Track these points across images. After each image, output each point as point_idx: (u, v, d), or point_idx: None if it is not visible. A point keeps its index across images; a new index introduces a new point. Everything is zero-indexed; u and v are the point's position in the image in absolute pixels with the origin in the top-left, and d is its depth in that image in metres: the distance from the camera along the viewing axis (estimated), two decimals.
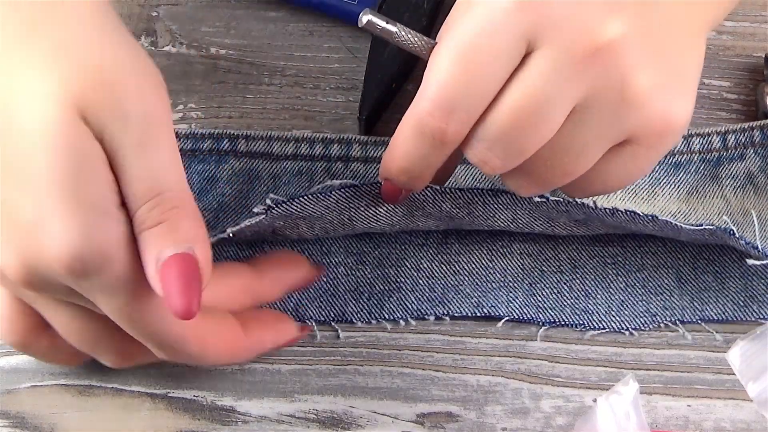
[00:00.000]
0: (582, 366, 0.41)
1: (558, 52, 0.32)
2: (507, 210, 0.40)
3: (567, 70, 0.32)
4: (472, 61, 0.32)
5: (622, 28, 0.32)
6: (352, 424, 0.40)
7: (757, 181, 0.44)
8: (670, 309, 0.42)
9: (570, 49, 0.32)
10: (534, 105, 0.32)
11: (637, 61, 0.32)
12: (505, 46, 0.32)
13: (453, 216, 0.40)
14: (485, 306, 0.42)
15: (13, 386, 0.41)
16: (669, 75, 0.33)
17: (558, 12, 0.32)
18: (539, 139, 0.33)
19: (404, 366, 0.41)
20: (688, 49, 0.35)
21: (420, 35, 0.35)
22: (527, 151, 0.33)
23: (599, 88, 0.32)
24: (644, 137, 0.34)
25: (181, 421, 0.40)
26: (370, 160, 0.44)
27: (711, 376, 0.41)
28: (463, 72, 0.32)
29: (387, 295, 0.42)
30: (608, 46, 0.32)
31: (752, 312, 0.42)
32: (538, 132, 0.33)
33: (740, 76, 0.47)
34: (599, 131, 0.33)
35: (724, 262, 0.43)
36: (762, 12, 0.48)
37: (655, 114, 0.33)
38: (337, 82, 0.47)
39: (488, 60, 0.32)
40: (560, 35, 0.32)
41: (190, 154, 0.43)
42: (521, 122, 0.32)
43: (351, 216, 0.40)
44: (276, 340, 0.39)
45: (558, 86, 0.32)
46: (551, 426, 0.40)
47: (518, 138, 0.33)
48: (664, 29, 0.33)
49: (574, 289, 0.43)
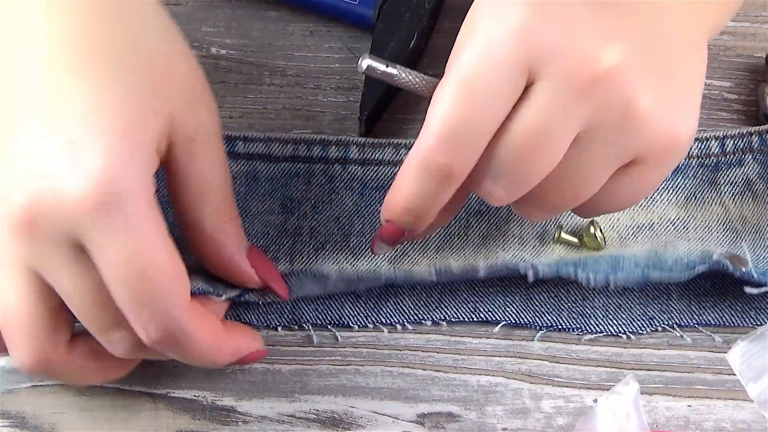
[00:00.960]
0: (582, 366, 0.41)
1: (558, 83, 0.32)
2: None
3: (568, 99, 0.32)
4: (473, 96, 0.32)
5: (621, 53, 0.32)
6: (353, 424, 0.40)
7: (755, 189, 0.44)
8: (667, 312, 0.42)
9: (570, 79, 0.32)
10: (537, 137, 0.32)
11: (637, 83, 0.32)
12: (505, 80, 0.32)
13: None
14: (482, 311, 0.42)
15: (13, 386, 0.41)
16: (671, 91, 0.33)
17: (555, 42, 0.32)
18: (543, 169, 0.33)
19: (404, 366, 0.41)
20: (689, 60, 0.35)
21: (420, 74, 0.35)
22: (532, 181, 0.34)
23: (602, 115, 0.33)
24: (651, 156, 0.34)
25: (181, 421, 0.40)
26: (368, 163, 0.44)
27: (711, 377, 0.41)
28: (465, 107, 0.32)
29: (384, 299, 0.42)
30: (607, 74, 0.32)
31: (750, 318, 0.42)
32: (542, 162, 0.33)
33: (741, 76, 0.47)
34: (605, 155, 0.34)
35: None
36: (762, 12, 0.48)
37: (660, 133, 0.33)
38: (337, 82, 0.47)
39: (489, 94, 0.32)
40: (559, 66, 0.32)
41: None
42: (525, 154, 0.33)
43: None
44: (248, 347, 0.39)
45: (560, 116, 0.32)
46: (552, 426, 0.40)
47: (523, 169, 0.33)
48: (664, 44, 0.34)
49: (571, 292, 0.43)
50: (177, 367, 0.41)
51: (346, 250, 0.43)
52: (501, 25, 0.32)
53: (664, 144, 0.34)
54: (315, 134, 0.45)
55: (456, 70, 0.32)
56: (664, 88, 0.33)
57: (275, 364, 0.41)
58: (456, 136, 0.32)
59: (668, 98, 0.33)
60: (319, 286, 0.41)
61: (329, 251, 0.43)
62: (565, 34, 0.32)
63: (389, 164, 0.44)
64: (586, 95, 0.32)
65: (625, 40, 0.32)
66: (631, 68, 0.32)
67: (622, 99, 0.32)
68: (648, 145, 0.34)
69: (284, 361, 0.41)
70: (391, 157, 0.44)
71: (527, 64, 0.32)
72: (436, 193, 0.34)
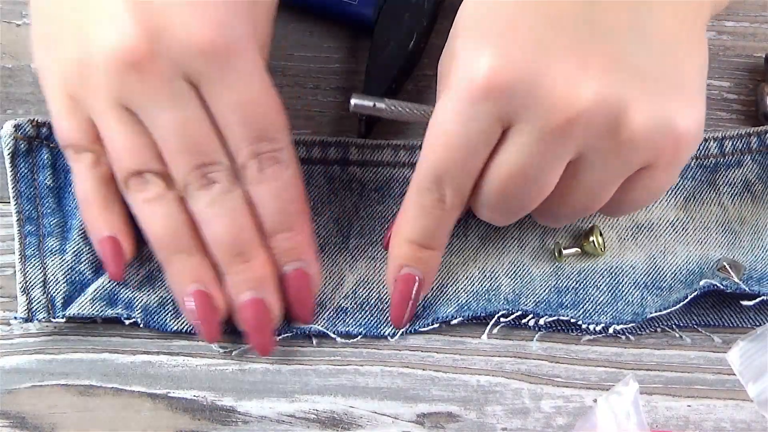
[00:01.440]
0: (582, 366, 0.41)
1: (534, 127, 0.33)
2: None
3: (547, 141, 0.33)
4: (451, 145, 0.34)
5: (597, 86, 0.32)
6: (352, 424, 0.40)
7: (754, 189, 0.44)
8: (667, 313, 0.42)
9: (547, 123, 0.32)
10: (518, 177, 0.34)
11: (624, 103, 0.32)
12: (480, 129, 0.34)
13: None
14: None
15: (13, 386, 0.41)
16: (666, 92, 0.33)
17: (526, 91, 0.32)
18: (536, 197, 0.35)
19: (404, 366, 0.41)
20: (685, 54, 0.34)
21: (410, 105, 0.39)
22: (528, 207, 0.36)
23: (591, 143, 0.33)
24: (659, 159, 0.34)
25: (181, 421, 0.40)
26: (367, 164, 0.44)
27: (711, 377, 0.41)
28: (446, 153, 0.35)
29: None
30: (587, 111, 0.32)
31: (749, 319, 0.42)
32: (532, 193, 0.35)
33: (740, 76, 0.47)
34: (606, 173, 0.34)
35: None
36: (762, 12, 0.47)
37: (663, 139, 0.33)
38: (337, 82, 0.47)
39: (466, 143, 0.34)
40: (534, 113, 0.32)
41: None
42: (512, 189, 0.35)
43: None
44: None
45: (541, 154, 0.33)
46: (551, 426, 0.40)
47: (514, 200, 0.35)
48: (651, 46, 0.33)
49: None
50: (177, 367, 0.41)
51: (345, 251, 0.43)
52: (472, 74, 0.33)
53: (671, 146, 0.34)
54: (314, 136, 0.44)
55: (438, 117, 0.35)
56: (659, 92, 0.33)
57: (275, 364, 0.41)
58: (441, 176, 0.35)
59: (665, 99, 0.33)
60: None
61: (328, 253, 0.43)
62: (534, 83, 0.32)
63: (388, 165, 0.44)
64: (564, 135, 0.32)
65: (598, 71, 0.32)
66: (612, 94, 0.32)
67: (609, 125, 0.32)
68: (653, 153, 0.33)
69: (284, 361, 0.41)
70: (390, 159, 0.44)
71: (500, 115, 0.33)
72: (438, 223, 0.37)
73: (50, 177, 0.43)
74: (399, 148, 0.44)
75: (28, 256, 0.42)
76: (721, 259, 0.42)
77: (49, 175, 0.43)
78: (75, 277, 0.42)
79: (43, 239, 0.42)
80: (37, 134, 0.43)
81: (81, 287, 0.42)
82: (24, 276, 0.41)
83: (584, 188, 0.35)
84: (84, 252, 0.42)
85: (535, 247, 0.43)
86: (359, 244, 0.43)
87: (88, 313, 0.41)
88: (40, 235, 0.42)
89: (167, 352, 0.42)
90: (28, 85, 0.46)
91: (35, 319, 0.41)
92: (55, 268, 0.42)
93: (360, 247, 0.43)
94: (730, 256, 0.43)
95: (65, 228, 0.43)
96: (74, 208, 0.43)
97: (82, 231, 0.42)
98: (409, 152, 0.44)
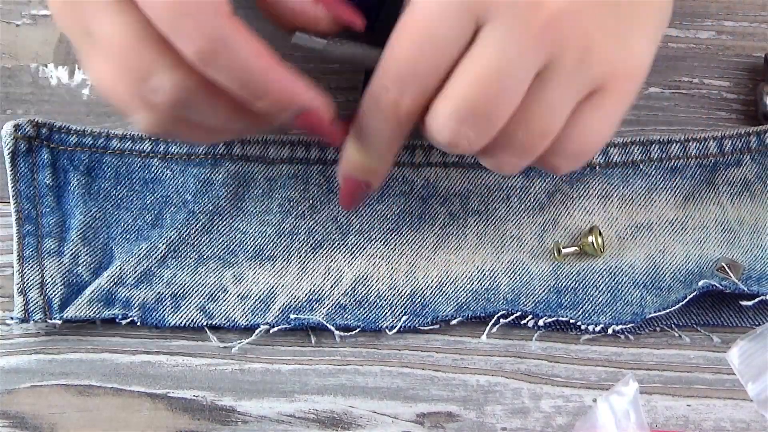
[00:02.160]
0: (582, 366, 0.41)
1: (510, 27, 0.32)
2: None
3: (523, 41, 0.32)
4: (421, 37, 0.32)
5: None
6: (352, 424, 0.40)
7: (753, 189, 0.44)
8: (666, 313, 0.42)
9: (521, 23, 0.32)
10: (493, 74, 0.32)
11: (590, 19, 0.33)
12: (454, 24, 0.32)
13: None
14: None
15: (13, 386, 0.41)
16: (623, 21, 0.34)
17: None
18: (505, 109, 0.33)
19: (404, 366, 0.41)
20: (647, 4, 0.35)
21: (360, 45, 0.36)
22: (497, 118, 0.33)
23: (558, 53, 0.33)
24: (609, 84, 0.34)
25: (181, 421, 0.40)
26: None
27: (711, 376, 0.41)
28: (414, 49, 0.32)
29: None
30: (560, 14, 0.32)
31: (748, 318, 0.42)
32: (501, 103, 0.33)
33: (740, 76, 0.47)
34: (565, 89, 0.33)
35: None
36: (762, 12, 0.47)
37: (616, 61, 0.34)
38: (337, 82, 0.47)
39: (437, 35, 0.32)
40: (509, 11, 0.32)
41: (186, 158, 0.43)
42: (484, 90, 0.32)
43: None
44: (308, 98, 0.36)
45: (515, 56, 0.32)
46: (551, 426, 0.40)
47: (485, 106, 0.33)
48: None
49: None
50: (176, 367, 0.41)
51: (344, 249, 0.43)
52: None
53: (622, 70, 0.34)
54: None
55: (407, 15, 0.33)
56: (615, 19, 0.33)
57: (274, 363, 0.41)
58: (403, 73, 0.33)
59: (621, 28, 0.34)
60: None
61: (327, 250, 0.43)
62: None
63: None
64: (539, 38, 0.32)
65: None
66: (582, 5, 0.32)
67: (576, 37, 0.32)
68: (605, 73, 0.34)
69: (283, 360, 0.41)
70: None
71: (475, 10, 0.32)
72: (389, 134, 0.35)
73: (50, 176, 0.43)
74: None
75: (26, 257, 0.42)
76: (720, 258, 0.42)
77: (49, 175, 0.43)
78: (72, 280, 0.42)
79: (42, 240, 0.42)
80: (37, 134, 0.43)
81: (78, 289, 0.42)
82: (22, 277, 0.42)
83: (543, 105, 0.34)
84: (82, 254, 0.42)
85: (534, 246, 0.43)
86: (358, 241, 0.43)
87: (85, 316, 0.41)
88: (38, 235, 0.42)
89: (167, 352, 0.42)
90: (27, 85, 0.46)
91: (32, 320, 0.41)
92: (53, 270, 0.42)
93: (359, 245, 0.43)
94: (729, 256, 0.43)
95: (64, 228, 0.43)
96: (73, 208, 0.43)
97: (81, 232, 0.42)
98: (408, 152, 0.44)
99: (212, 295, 0.42)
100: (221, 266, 0.43)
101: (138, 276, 0.42)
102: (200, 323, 0.42)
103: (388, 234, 0.43)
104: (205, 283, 0.42)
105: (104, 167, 0.44)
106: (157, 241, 0.43)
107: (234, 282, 0.42)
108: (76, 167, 0.43)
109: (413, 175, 0.44)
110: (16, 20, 0.47)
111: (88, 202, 0.43)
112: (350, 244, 0.43)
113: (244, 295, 0.42)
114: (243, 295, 0.42)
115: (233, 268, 0.43)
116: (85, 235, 0.42)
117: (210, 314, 0.42)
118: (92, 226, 0.43)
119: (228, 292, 0.42)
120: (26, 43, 0.46)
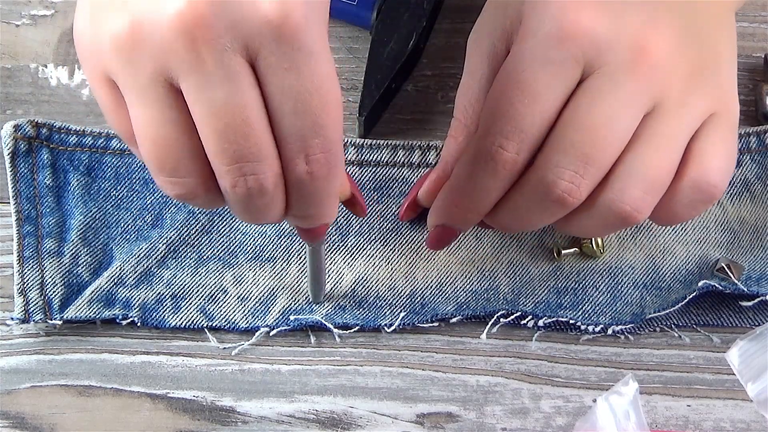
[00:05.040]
0: (581, 366, 0.41)
1: (614, 72, 0.32)
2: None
3: (630, 87, 0.32)
4: (529, 91, 0.33)
5: (668, 38, 0.33)
6: (352, 424, 0.40)
7: (753, 189, 0.44)
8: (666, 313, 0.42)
9: (625, 67, 0.32)
10: (600, 118, 0.32)
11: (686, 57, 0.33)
12: (562, 73, 0.32)
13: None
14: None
15: (13, 386, 0.41)
16: (707, 52, 0.34)
17: (604, 35, 0.32)
18: (614, 151, 0.33)
19: (404, 366, 0.41)
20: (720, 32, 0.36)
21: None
22: (604, 160, 0.33)
23: (666, 93, 0.33)
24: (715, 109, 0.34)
25: (181, 421, 0.40)
26: (365, 164, 0.44)
27: (711, 376, 0.41)
28: (521, 101, 0.33)
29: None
30: (662, 56, 0.33)
31: (748, 318, 0.42)
32: (610, 143, 0.33)
33: (740, 76, 0.46)
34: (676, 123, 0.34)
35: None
36: (762, 12, 0.47)
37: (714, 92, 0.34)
38: None
39: (545, 89, 0.32)
40: (614, 58, 0.32)
41: None
42: (591, 138, 0.33)
43: None
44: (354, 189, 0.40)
45: (621, 100, 0.32)
46: (551, 426, 0.40)
47: (593, 150, 0.33)
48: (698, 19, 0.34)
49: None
50: (176, 367, 0.41)
51: (344, 250, 0.43)
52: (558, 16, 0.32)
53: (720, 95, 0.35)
54: None
55: (510, 65, 0.33)
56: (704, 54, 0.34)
57: (274, 364, 0.41)
58: (516, 131, 0.33)
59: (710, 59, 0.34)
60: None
61: (326, 252, 0.43)
62: (611, 28, 0.32)
63: (387, 165, 0.44)
64: (642, 82, 0.32)
65: (667, 26, 0.33)
66: (677, 51, 0.33)
67: (680, 74, 0.33)
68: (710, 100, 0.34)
69: (283, 361, 0.41)
70: (388, 159, 0.44)
71: (579, 59, 0.32)
72: (497, 186, 0.35)
73: (50, 177, 0.43)
74: (397, 148, 0.44)
75: (26, 258, 0.42)
76: (720, 259, 0.42)
77: (49, 175, 0.43)
78: (72, 280, 0.42)
79: (42, 240, 0.42)
80: (36, 134, 0.43)
81: (78, 290, 0.42)
82: (22, 277, 0.42)
83: (657, 143, 0.34)
84: (82, 254, 0.42)
85: (534, 247, 0.43)
86: (358, 242, 0.43)
87: (85, 316, 0.41)
88: (38, 235, 0.42)
89: (167, 353, 0.42)
90: (27, 85, 0.46)
91: (32, 321, 0.41)
92: (52, 271, 0.42)
93: (358, 246, 0.43)
94: (729, 256, 0.43)
95: (64, 228, 0.43)
96: (73, 208, 0.43)
97: (81, 232, 0.42)
98: (407, 152, 0.44)
99: (212, 296, 0.42)
100: (221, 267, 0.43)
101: (138, 276, 0.42)
102: (200, 325, 0.42)
103: (387, 235, 0.43)
104: (205, 284, 0.42)
105: (104, 167, 0.44)
106: (157, 241, 0.43)
107: (234, 283, 0.42)
108: (75, 167, 0.43)
109: (413, 176, 0.44)
110: (15, 20, 0.47)
111: (87, 203, 0.43)
112: (349, 245, 0.43)
113: (244, 296, 0.42)
114: (243, 297, 0.42)
115: (233, 269, 0.43)
116: (85, 236, 0.42)
117: (210, 316, 0.42)
118: (92, 226, 0.43)
119: (228, 293, 0.42)
120: (26, 43, 0.46)
